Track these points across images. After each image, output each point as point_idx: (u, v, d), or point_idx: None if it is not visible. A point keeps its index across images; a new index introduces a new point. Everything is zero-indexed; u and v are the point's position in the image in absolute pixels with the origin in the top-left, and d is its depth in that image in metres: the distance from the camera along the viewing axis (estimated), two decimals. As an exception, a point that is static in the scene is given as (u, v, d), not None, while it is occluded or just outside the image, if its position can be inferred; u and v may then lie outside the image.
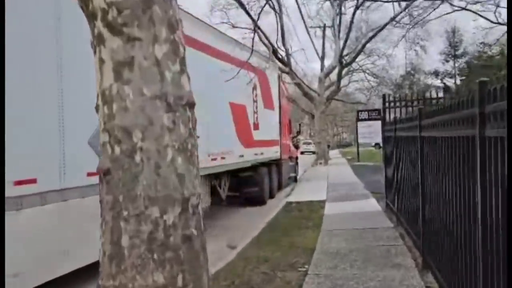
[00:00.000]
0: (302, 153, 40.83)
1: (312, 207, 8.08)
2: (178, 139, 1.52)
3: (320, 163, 20.89)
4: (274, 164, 11.12)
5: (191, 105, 1.62)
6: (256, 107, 9.42)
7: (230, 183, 9.30)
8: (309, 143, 40.46)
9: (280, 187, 11.79)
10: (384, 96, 8.63)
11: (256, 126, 9.33)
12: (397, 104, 8.56)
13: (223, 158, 7.50)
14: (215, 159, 7.09)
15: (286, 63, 19.95)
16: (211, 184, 7.73)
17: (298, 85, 22.57)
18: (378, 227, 5.90)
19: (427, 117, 3.78)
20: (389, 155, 6.74)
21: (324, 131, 23.74)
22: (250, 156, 8.92)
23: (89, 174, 3.82)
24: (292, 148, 14.51)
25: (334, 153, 35.78)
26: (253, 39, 8.78)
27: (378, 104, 27.11)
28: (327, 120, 48.32)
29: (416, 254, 4.34)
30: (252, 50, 8.17)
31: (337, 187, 10.60)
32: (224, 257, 4.89)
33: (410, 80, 33.79)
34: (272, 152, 10.65)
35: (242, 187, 9.42)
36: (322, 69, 24.37)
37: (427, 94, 10.14)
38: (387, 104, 8.48)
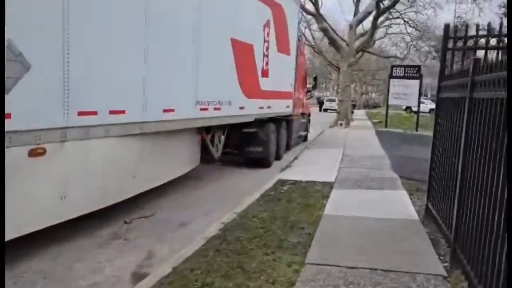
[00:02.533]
0: (325, 110, 39.57)
1: (310, 196, 5.78)
2: None
3: (341, 124, 19.64)
4: (284, 120, 10.04)
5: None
6: (267, 49, 8.18)
7: (230, 138, 8.35)
8: (333, 100, 39.21)
9: (288, 147, 10.81)
10: (446, 28, 4.73)
11: (265, 73, 8.14)
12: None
13: (217, 108, 6.44)
14: (205, 109, 6.04)
15: (313, 2, 18.16)
16: (202, 139, 6.74)
17: (325, 30, 20.89)
18: (414, 272, 3.28)
19: None
20: (449, 129, 4.15)
21: (349, 88, 22.20)
22: (254, 109, 7.83)
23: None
24: (306, 103, 13.34)
25: (359, 114, 34.23)
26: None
27: (415, 63, 25.13)
28: (355, 77, 46.25)
29: None
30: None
31: (354, 162, 8.89)
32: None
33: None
34: (283, 107, 9.52)
35: (243, 145, 8.45)
36: (355, 15, 22.43)
37: None
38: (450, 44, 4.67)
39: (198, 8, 5.58)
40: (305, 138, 13.85)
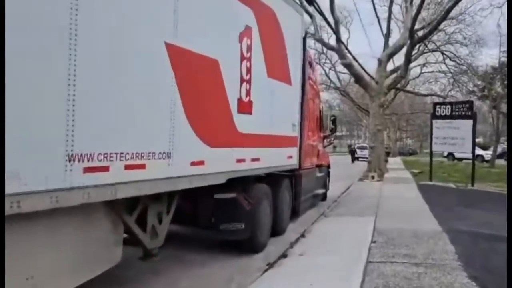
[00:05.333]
0: (357, 159, 36.17)
1: None
2: None
3: (372, 177, 16.36)
4: (286, 177, 7.13)
5: None
6: (249, 72, 5.43)
7: (198, 209, 5.58)
8: (365, 148, 35.84)
9: (296, 213, 7.84)
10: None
11: (244, 107, 5.34)
12: None
13: (139, 167, 3.62)
14: (99, 169, 3.20)
15: (334, 31, 15.65)
16: (122, 219, 3.91)
17: (349, 66, 18.25)
18: None
19: None
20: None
21: (381, 132, 19.13)
22: (225, 163, 4.96)
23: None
24: (322, 151, 10.40)
25: (394, 163, 30.72)
26: None
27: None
28: (388, 122, 43.06)
29: None
30: None
31: (392, 247, 5.57)
32: None
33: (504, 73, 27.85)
34: (282, 158, 6.62)
35: (216, 219, 5.53)
36: (384, 49, 19.84)
37: None
38: None
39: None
40: (323, 197, 10.80)
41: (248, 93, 5.41)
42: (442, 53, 22.09)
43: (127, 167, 3.49)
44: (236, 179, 5.26)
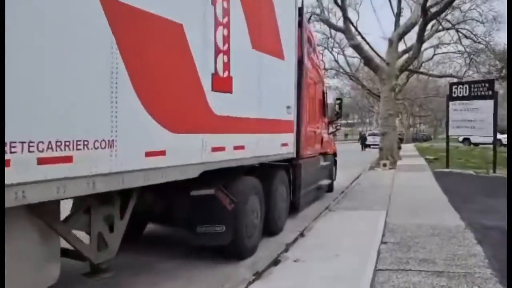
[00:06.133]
0: (368, 146, 34.78)
1: None
2: None
3: (384, 165, 15.28)
4: (281, 168, 6.18)
5: None
6: (227, 41, 4.44)
7: (173, 209, 4.72)
8: (377, 135, 34.52)
9: (296, 208, 6.92)
10: None
11: (221, 84, 4.38)
12: None
13: (62, 160, 2.70)
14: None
15: (341, 6, 14.49)
16: (53, 227, 3.02)
17: (357, 48, 17.10)
18: None
19: None
20: None
21: (393, 117, 17.98)
22: (196, 153, 4.01)
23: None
24: (328, 138, 9.43)
25: (408, 149, 29.47)
26: None
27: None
28: (401, 107, 41.56)
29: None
30: None
31: (406, 248, 4.74)
32: None
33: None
34: (274, 146, 5.65)
35: (192, 221, 4.61)
36: (395, 29, 18.61)
37: None
38: None
39: None
40: (329, 188, 9.85)
41: (226, 67, 4.44)
42: (457, 31, 20.65)
43: (42, 160, 2.58)
44: (215, 172, 4.32)
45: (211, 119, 4.22)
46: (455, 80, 22.99)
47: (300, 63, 6.85)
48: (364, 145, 33.82)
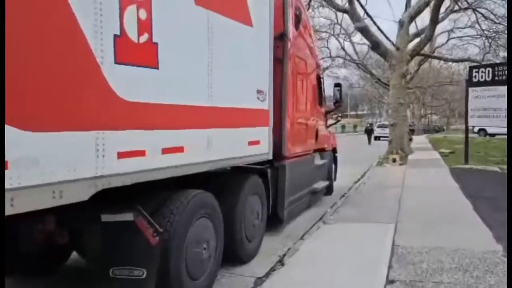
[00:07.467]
0: (377, 138, 32.74)
1: None
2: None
3: (394, 161, 13.60)
4: (250, 174, 4.65)
5: None
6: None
7: (82, 239, 3.24)
8: (386, 126, 32.51)
9: (280, 220, 5.44)
10: None
11: (136, 52, 2.82)
12: None
13: None
14: None
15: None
16: None
17: (363, 30, 15.39)
18: None
19: None
20: None
21: (404, 107, 16.25)
22: (80, 162, 2.46)
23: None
24: (324, 131, 7.85)
25: (419, 141, 27.67)
26: None
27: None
28: (413, 97, 39.51)
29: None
30: None
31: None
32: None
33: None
34: (236, 144, 4.08)
35: (104, 258, 3.10)
36: (406, 9, 16.84)
37: None
38: None
39: None
40: (328, 191, 8.28)
41: (144, 27, 2.87)
42: (475, 11, 18.70)
43: None
44: (139, 187, 2.80)
45: (115, 107, 2.67)
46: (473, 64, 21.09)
47: (283, 35, 5.26)
48: (371, 138, 31.30)
